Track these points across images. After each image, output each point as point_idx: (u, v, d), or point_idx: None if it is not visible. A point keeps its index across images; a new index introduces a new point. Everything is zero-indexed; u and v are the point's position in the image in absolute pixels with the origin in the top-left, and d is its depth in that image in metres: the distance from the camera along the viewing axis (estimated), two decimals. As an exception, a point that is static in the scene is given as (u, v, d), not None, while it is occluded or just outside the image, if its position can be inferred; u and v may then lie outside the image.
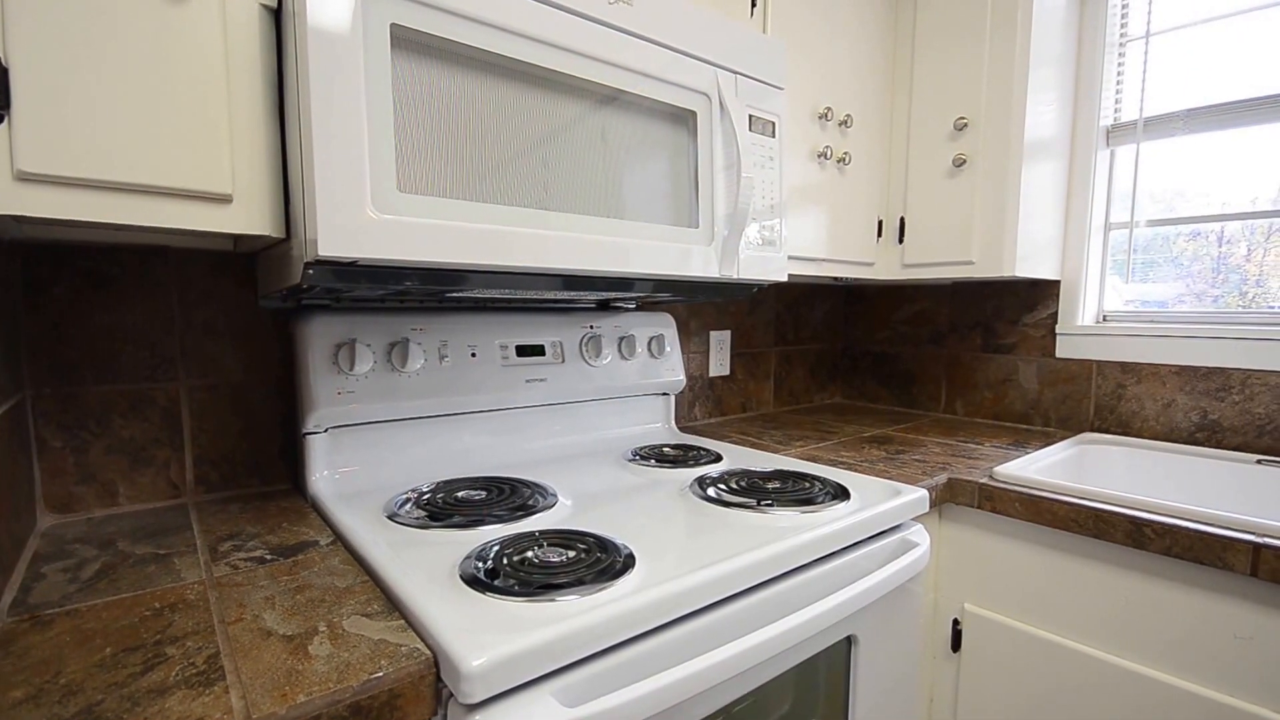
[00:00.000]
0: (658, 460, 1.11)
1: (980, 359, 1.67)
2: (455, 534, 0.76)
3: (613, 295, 1.11)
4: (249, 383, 0.97)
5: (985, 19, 1.33)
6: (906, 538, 0.94)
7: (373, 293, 0.85)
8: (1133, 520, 0.93)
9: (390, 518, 0.80)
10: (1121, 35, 1.47)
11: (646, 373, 1.29)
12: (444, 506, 0.84)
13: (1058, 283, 1.53)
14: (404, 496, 0.88)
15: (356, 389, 0.92)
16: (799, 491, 0.95)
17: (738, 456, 1.18)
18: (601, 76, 0.85)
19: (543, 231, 0.81)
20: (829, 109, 1.32)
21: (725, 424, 1.57)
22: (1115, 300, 1.51)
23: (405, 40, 0.69)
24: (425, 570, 0.66)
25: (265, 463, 0.99)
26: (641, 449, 1.19)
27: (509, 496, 0.88)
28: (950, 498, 1.13)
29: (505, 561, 0.68)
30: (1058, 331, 1.53)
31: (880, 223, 1.49)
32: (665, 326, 1.32)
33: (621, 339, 1.24)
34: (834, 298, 1.93)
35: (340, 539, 0.77)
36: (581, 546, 0.72)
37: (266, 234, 0.68)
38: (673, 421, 1.37)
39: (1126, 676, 0.95)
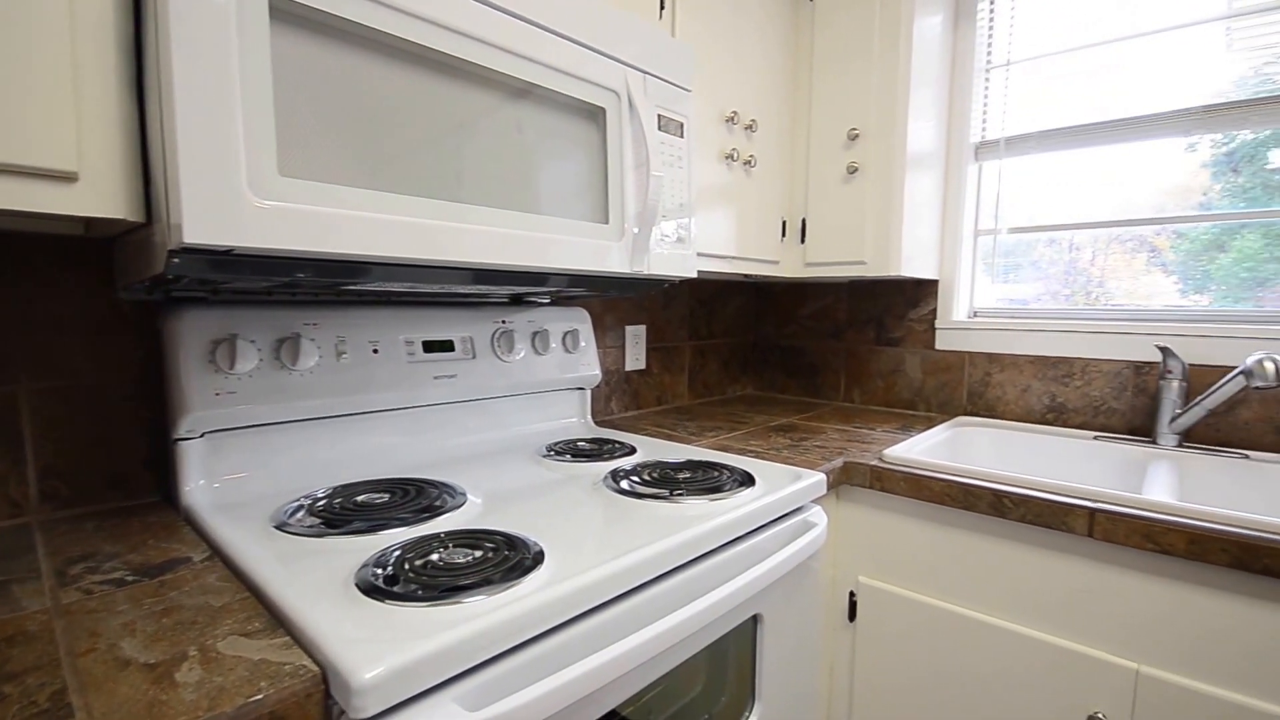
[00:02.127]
0: (573, 455, 1.08)
1: (874, 351, 1.74)
2: (353, 541, 0.69)
3: (526, 290, 1.06)
4: (105, 385, 0.83)
5: (873, 42, 1.38)
6: (806, 519, 0.96)
7: (257, 284, 0.76)
8: (995, 493, 0.99)
9: (279, 528, 0.72)
10: (987, 62, 1.57)
11: (561, 368, 1.25)
12: (341, 512, 0.76)
13: (936, 282, 1.62)
14: (296, 504, 0.79)
15: (239, 389, 0.82)
16: (708, 480, 0.94)
17: (652, 449, 1.16)
18: (507, 67, 0.80)
19: (454, 224, 0.75)
20: (736, 113, 1.32)
21: (641, 417, 1.55)
22: (989, 298, 1.62)
23: (287, 13, 0.61)
24: (316, 582, 0.60)
25: (128, 474, 0.86)
26: (556, 444, 1.15)
27: (415, 498, 0.82)
28: (846, 479, 1.17)
29: (407, 566, 0.62)
30: (937, 326, 1.62)
31: (784, 223, 1.52)
32: (580, 321, 1.29)
33: (535, 334, 1.19)
34: (745, 294, 1.96)
35: (217, 554, 0.68)
36: (490, 545, 0.67)
37: (121, 218, 0.59)
38: (589, 416, 1.34)
39: (994, 631, 1.02)
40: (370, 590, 0.58)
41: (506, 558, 0.64)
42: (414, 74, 0.72)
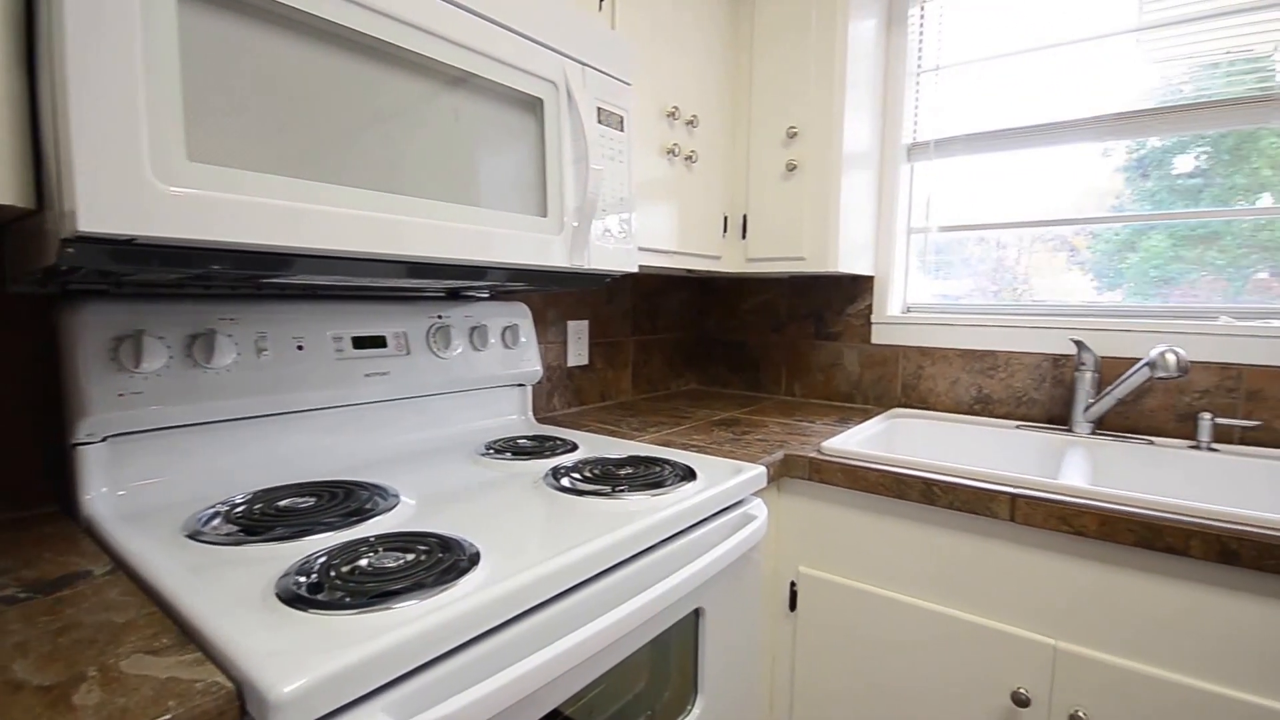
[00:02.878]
0: (513, 453, 1.06)
1: (814, 345, 1.80)
2: (274, 548, 0.66)
3: (463, 284, 1.04)
4: (-5, 386, 0.77)
5: (810, 43, 1.42)
6: (747, 511, 0.98)
7: (166, 277, 0.72)
8: (925, 481, 1.05)
9: (192, 536, 0.68)
10: (918, 66, 1.64)
11: (501, 364, 1.23)
12: (262, 518, 0.73)
13: (872, 278, 1.68)
14: (211, 511, 0.75)
15: (146, 389, 0.77)
16: (650, 476, 0.95)
17: (594, 445, 1.16)
18: (440, 54, 0.78)
19: (387, 215, 0.73)
20: (676, 108, 1.33)
21: (584, 413, 1.55)
22: (924, 294, 1.69)
23: (195, -14, 0.58)
24: (232, 593, 0.57)
25: (18, 484, 0.79)
26: (496, 442, 1.13)
27: (343, 501, 0.79)
28: (786, 472, 1.20)
29: (333, 573, 0.60)
30: (873, 321, 1.68)
31: (726, 219, 1.55)
32: (520, 316, 1.27)
33: (473, 329, 1.17)
34: (688, 289, 1.98)
35: (121, 566, 0.64)
36: (422, 548, 0.66)
37: (9, 204, 0.54)
38: (530, 413, 1.33)
39: (925, 614, 1.07)
40: (293, 600, 0.56)
41: (440, 560, 0.63)
42: (342, 58, 0.69)
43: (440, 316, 1.13)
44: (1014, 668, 0.99)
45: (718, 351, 2.00)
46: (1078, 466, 1.13)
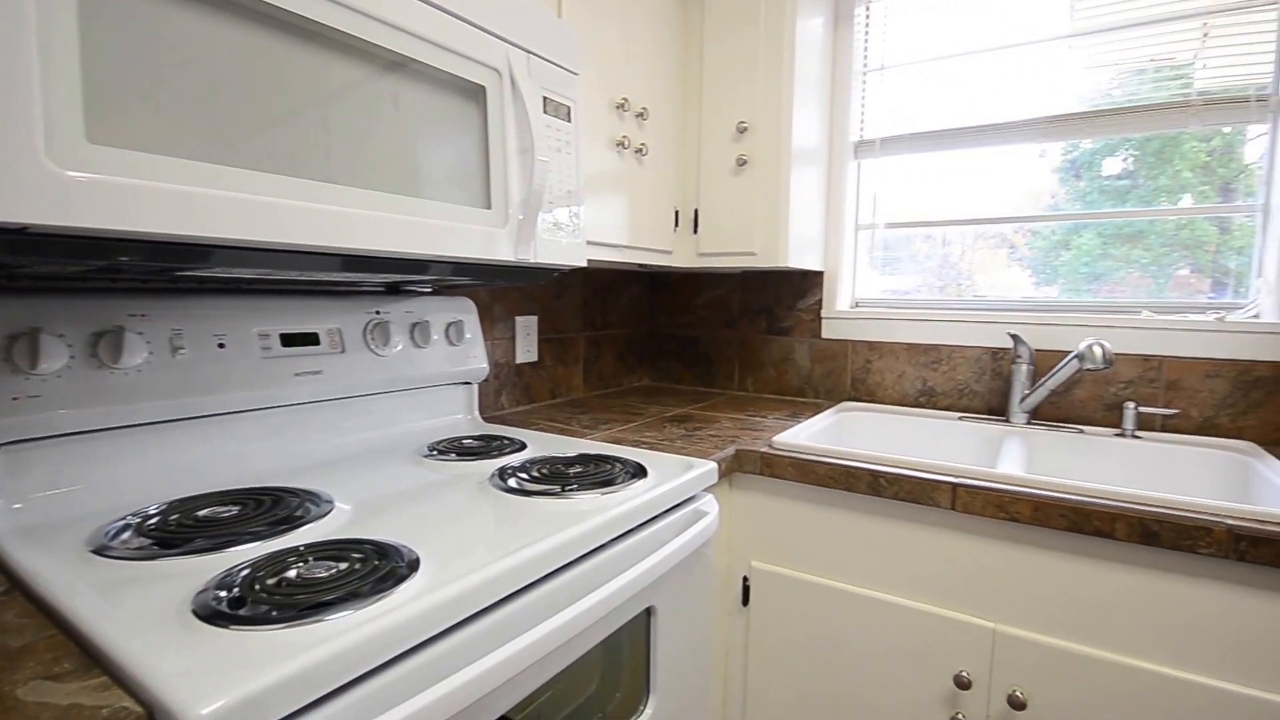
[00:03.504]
0: (458, 454, 1.04)
1: (765, 340, 1.83)
2: (193, 562, 0.63)
3: (403, 278, 1.01)
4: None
5: (759, 37, 1.44)
6: (698, 508, 0.99)
7: (67, 269, 0.67)
8: (872, 473, 1.08)
9: (98, 552, 0.63)
10: (864, 65, 1.68)
11: (445, 361, 1.20)
12: (179, 530, 0.69)
13: (822, 273, 1.72)
14: (121, 524, 0.70)
15: (44, 392, 0.71)
16: (600, 474, 0.95)
17: (544, 444, 1.15)
18: (375, 36, 0.75)
19: (318, 205, 0.70)
20: (626, 99, 1.33)
21: (534, 411, 1.53)
22: (874, 289, 1.74)
23: (93, -49, 0.54)
24: (143, 611, 0.53)
25: (-89, 496, 0.73)
26: (440, 443, 1.10)
27: (270, 509, 0.75)
28: (738, 467, 1.21)
29: (258, 586, 0.57)
30: (823, 316, 1.72)
31: (677, 213, 1.55)
32: (464, 312, 1.24)
33: (415, 325, 1.13)
34: (640, 283, 1.98)
35: (17, 586, 0.59)
36: (357, 556, 0.63)
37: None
38: (476, 411, 1.30)
39: (873, 603, 1.10)
40: (212, 616, 0.53)
41: (376, 568, 0.61)
42: (269, 38, 0.66)
43: (379, 312, 1.09)
44: (956, 651, 1.04)
45: (670, 347, 2.01)
46: (1014, 455, 1.18)
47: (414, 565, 0.62)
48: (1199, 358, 1.31)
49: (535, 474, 0.93)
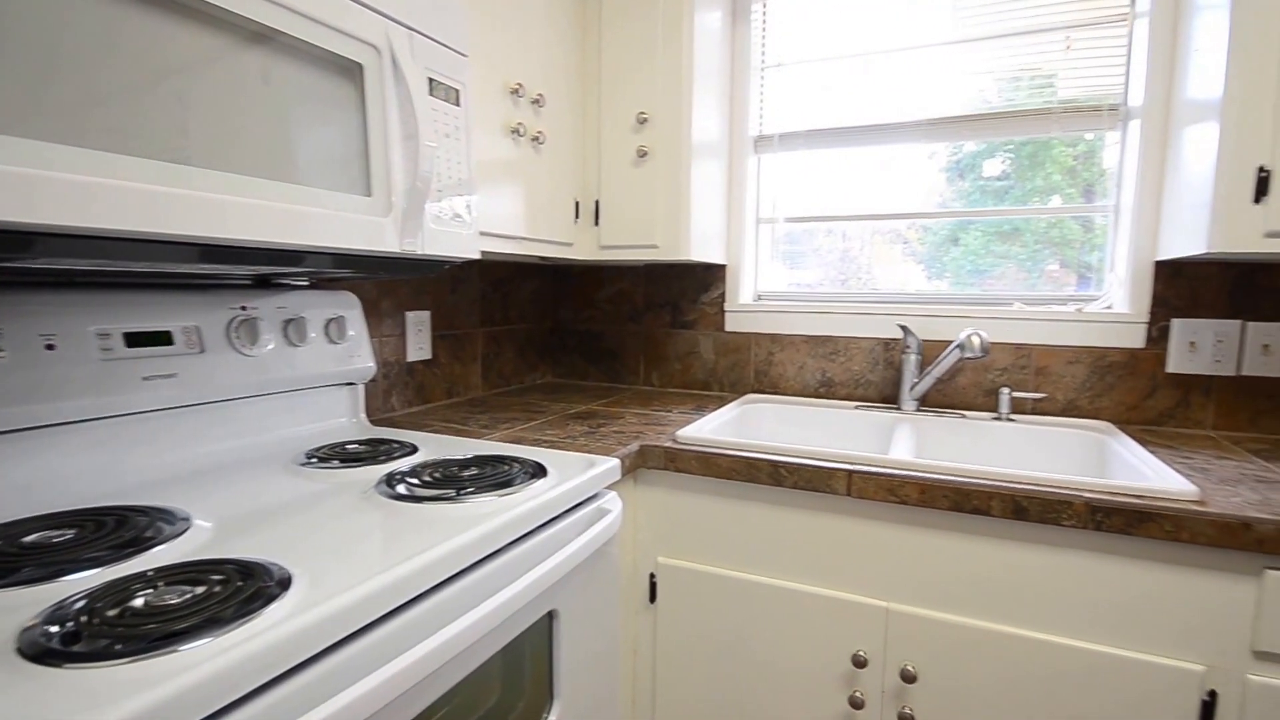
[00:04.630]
0: (340, 460, 0.99)
1: (670, 334, 1.87)
2: (18, 594, 0.56)
3: (274, 270, 0.95)
4: None
5: (658, 29, 1.46)
6: (601, 506, 1.00)
7: None
8: (773, 463, 1.13)
9: (-109, 589, 0.56)
10: (762, 61, 1.75)
11: (325, 361, 1.14)
12: (0, 559, 0.62)
13: (725, 266, 1.78)
14: (-77, 555, 0.62)
15: None
16: (498, 475, 0.94)
17: (437, 446, 1.12)
18: (233, 4, 0.70)
19: (169, 189, 0.64)
20: (521, 85, 1.31)
21: (428, 412, 1.48)
22: (780, 282, 1.82)
23: None
24: (-49, 653, 0.48)
25: None
26: (320, 449, 1.05)
27: (113, 531, 0.69)
28: (643, 463, 1.24)
29: (96, 619, 0.52)
30: (726, 309, 1.79)
31: (578, 204, 1.55)
32: (346, 307, 1.19)
33: (288, 322, 1.07)
34: (541, 277, 1.96)
35: None
36: (217, 578, 0.59)
37: None
38: (363, 414, 1.25)
39: (776, 591, 1.16)
40: (41, 655, 0.48)
41: (240, 589, 0.58)
42: (111, 2, 0.60)
43: (245, 308, 1.02)
44: (853, 632, 1.11)
45: (574, 342, 2.01)
46: (904, 441, 1.28)
47: (285, 583, 0.59)
48: (1062, 346, 1.48)
49: (427, 478, 0.91)
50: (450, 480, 0.91)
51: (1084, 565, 0.97)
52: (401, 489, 0.87)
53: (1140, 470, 1.08)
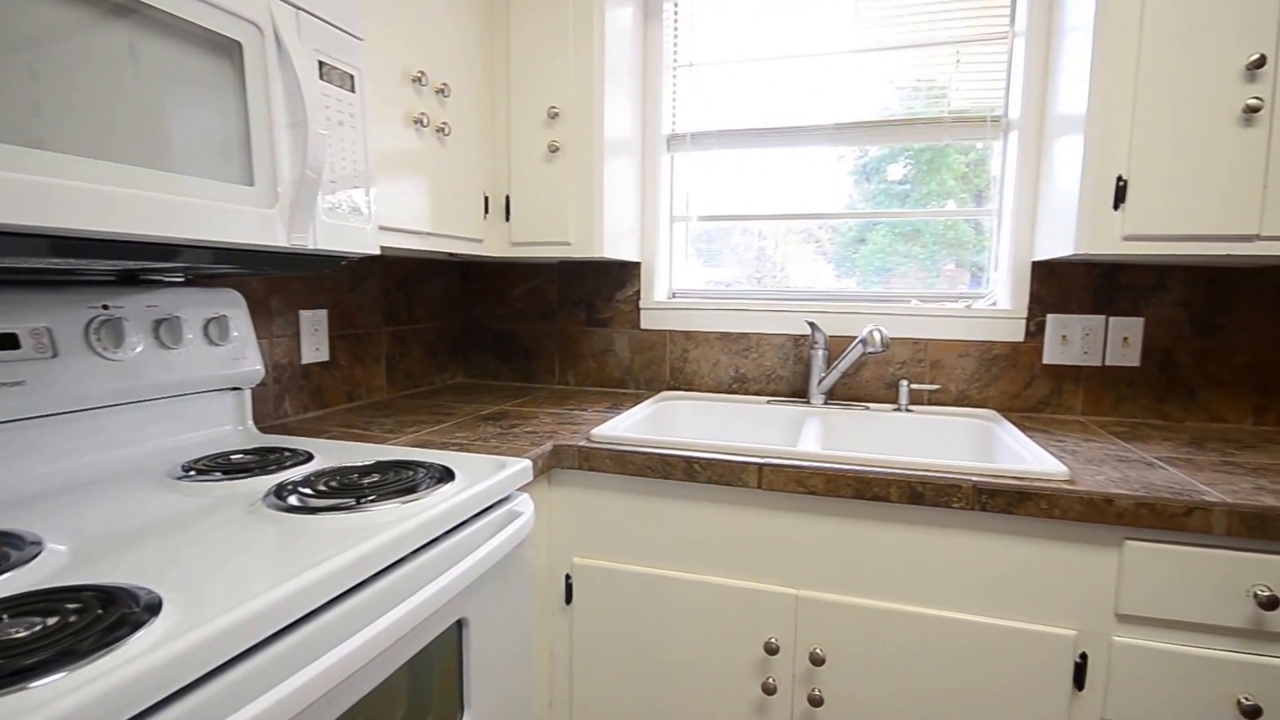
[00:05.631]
0: (223, 472, 0.93)
1: (585, 332, 1.87)
2: None
3: (143, 266, 0.87)
4: None
5: (567, 22, 1.45)
6: (512, 509, 0.99)
7: None
8: (686, 459, 1.16)
9: None
10: (674, 60, 1.78)
11: (204, 364, 1.06)
12: None
13: (639, 264, 1.80)
14: None
15: None
16: (401, 481, 0.91)
17: (336, 453, 1.07)
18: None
19: (16, 174, 0.58)
20: (423, 73, 1.27)
21: (326, 417, 1.41)
22: (697, 280, 1.85)
23: None
24: None
25: None
26: (199, 461, 0.98)
27: (-56, 559, 0.62)
28: (557, 463, 1.23)
29: (-82, 659, 0.46)
30: (641, 307, 1.80)
31: (487, 199, 1.52)
32: (229, 305, 1.11)
33: (160, 322, 0.99)
34: (450, 274, 1.91)
35: None
36: (73, 607, 0.54)
37: None
38: (250, 421, 1.17)
39: (692, 585, 1.19)
40: None
41: (100, 618, 0.53)
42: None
43: (106, 307, 0.93)
44: (765, 620, 1.15)
45: (486, 341, 1.97)
46: (813, 434, 1.34)
47: (154, 608, 0.55)
48: (954, 340, 1.59)
49: (322, 487, 0.87)
50: (349, 488, 0.87)
51: (972, 544, 1.05)
52: (293, 500, 0.82)
53: (1020, 454, 1.18)
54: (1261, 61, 1.10)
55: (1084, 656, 1.01)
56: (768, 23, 1.71)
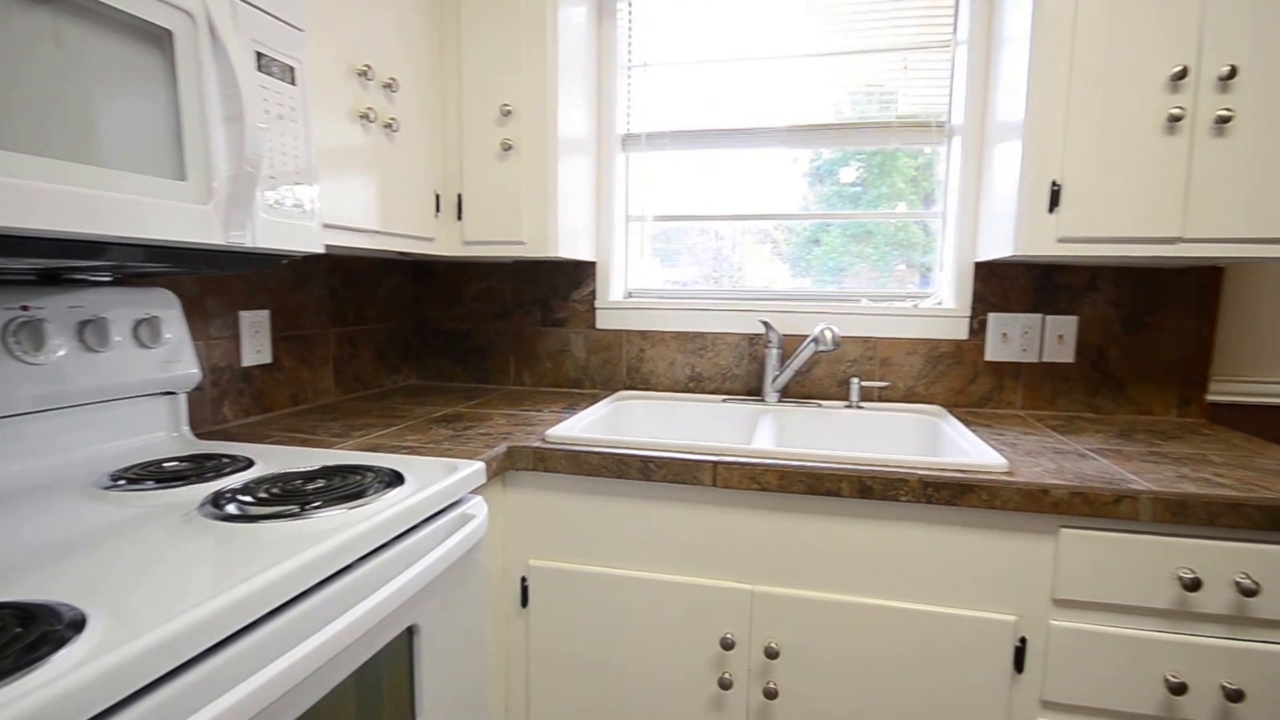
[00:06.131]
0: (156, 481, 0.89)
1: (541, 332, 1.85)
2: None
3: (63, 264, 0.83)
4: None
5: (520, 19, 1.44)
6: (465, 512, 0.97)
7: None
8: (642, 459, 1.16)
9: None
10: (629, 60, 1.78)
11: (135, 368, 1.01)
12: None
13: (595, 264, 1.80)
14: None
15: None
16: (348, 487, 0.88)
17: (278, 459, 1.03)
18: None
19: None
20: (369, 66, 1.24)
21: (269, 422, 1.36)
22: (657, 279, 1.85)
23: None
24: None
25: None
26: (129, 470, 0.93)
27: None
28: (511, 464, 1.22)
29: None
30: (597, 306, 1.80)
31: (439, 197, 1.50)
32: (162, 306, 1.06)
33: (85, 324, 0.94)
34: (401, 273, 1.87)
35: None
36: (-14, 625, 0.51)
37: None
38: (186, 427, 1.12)
39: (648, 584, 1.19)
40: None
41: (19, 636, 0.50)
42: None
43: (26, 308, 0.88)
44: (721, 616, 1.17)
45: (439, 342, 1.93)
46: (766, 431, 1.36)
47: (78, 625, 0.52)
48: (902, 338, 1.64)
49: (264, 495, 0.84)
50: (292, 495, 0.84)
51: (919, 535, 1.08)
52: (231, 508, 0.79)
53: (963, 448, 1.23)
54: (1184, 73, 1.17)
55: (1023, 640, 1.06)
56: (722, 25, 1.73)
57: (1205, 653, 0.99)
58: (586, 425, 1.42)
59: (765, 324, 1.62)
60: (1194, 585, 0.97)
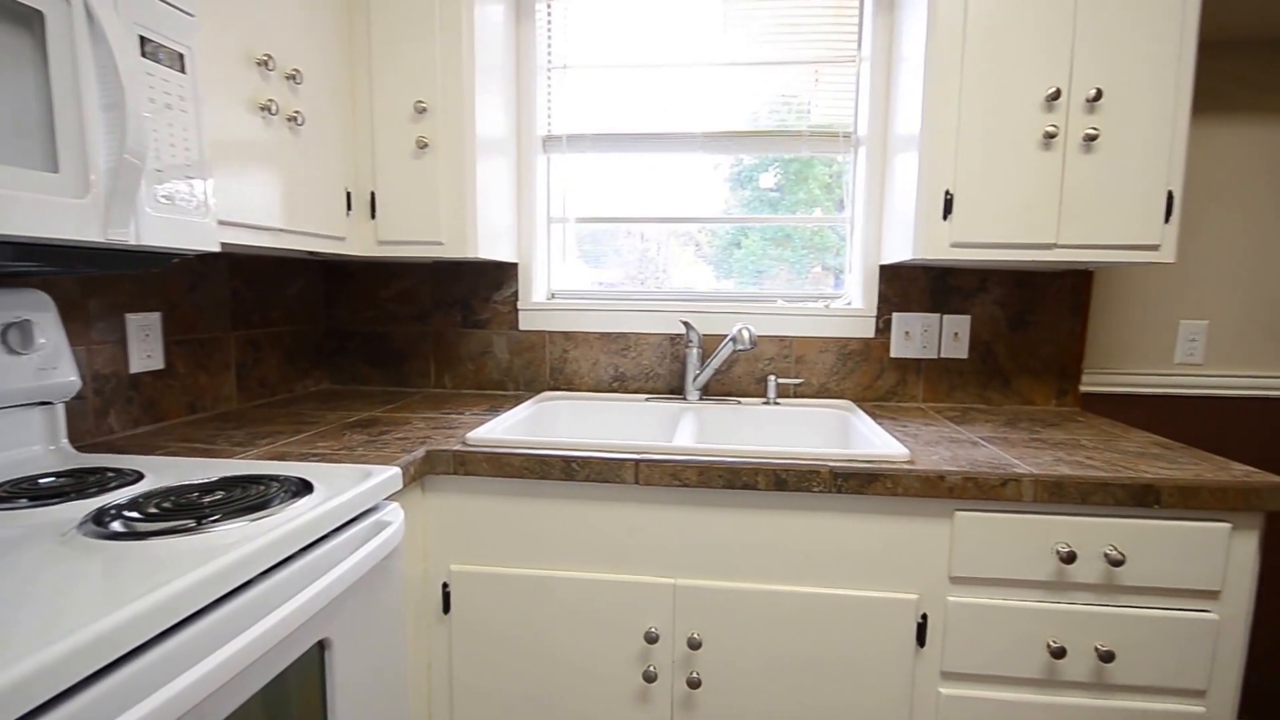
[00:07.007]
0: (30, 498, 0.81)
1: (462, 334, 1.81)
2: None
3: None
4: None
5: (434, 16, 1.40)
6: (380, 519, 0.94)
7: None
8: (564, 459, 1.16)
9: None
10: (549, 62, 1.77)
11: (3, 376, 0.92)
12: None
13: (516, 265, 1.78)
14: None
15: None
16: (250, 498, 0.83)
17: (172, 470, 0.96)
18: None
19: None
20: (270, 56, 1.17)
21: (161, 432, 1.27)
22: (583, 280, 1.85)
23: None
24: None
25: None
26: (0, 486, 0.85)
27: None
28: (430, 469, 1.19)
29: None
30: (519, 308, 1.78)
31: (350, 195, 1.44)
32: (33, 308, 0.96)
33: (-60, 330, 0.85)
34: (310, 274, 1.78)
35: None
36: None
37: None
38: (64, 440, 1.03)
39: (573, 583, 1.19)
40: None
41: None
42: None
43: None
44: (645, 611, 1.18)
45: (354, 345, 1.86)
46: (687, 429, 1.39)
47: (-72, 660, 0.47)
48: (815, 337, 1.70)
49: (154, 510, 0.78)
50: (187, 508, 0.79)
51: (830, 523, 1.13)
52: (117, 526, 0.73)
53: (871, 439, 1.29)
54: (1057, 94, 1.28)
55: (925, 617, 1.13)
56: (642, 31, 1.74)
57: (1081, 618, 1.08)
58: (509, 427, 1.40)
59: (686, 324, 1.65)
60: (1070, 558, 1.06)
